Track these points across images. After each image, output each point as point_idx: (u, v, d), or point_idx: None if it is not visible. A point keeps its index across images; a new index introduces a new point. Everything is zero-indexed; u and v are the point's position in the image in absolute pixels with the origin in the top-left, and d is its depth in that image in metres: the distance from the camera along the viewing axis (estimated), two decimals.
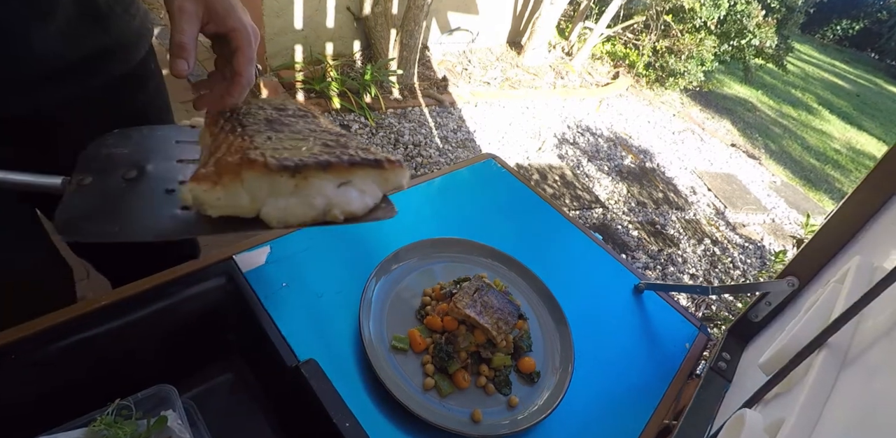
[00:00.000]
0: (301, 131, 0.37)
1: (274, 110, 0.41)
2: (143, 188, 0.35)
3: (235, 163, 0.30)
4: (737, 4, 4.12)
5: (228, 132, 0.35)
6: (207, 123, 0.40)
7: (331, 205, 0.32)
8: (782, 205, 3.81)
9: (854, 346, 0.44)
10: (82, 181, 0.34)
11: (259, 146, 0.32)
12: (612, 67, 4.80)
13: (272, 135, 0.35)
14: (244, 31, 0.51)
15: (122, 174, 0.36)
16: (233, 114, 0.39)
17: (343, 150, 0.34)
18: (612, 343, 0.80)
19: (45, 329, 0.52)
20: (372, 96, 2.89)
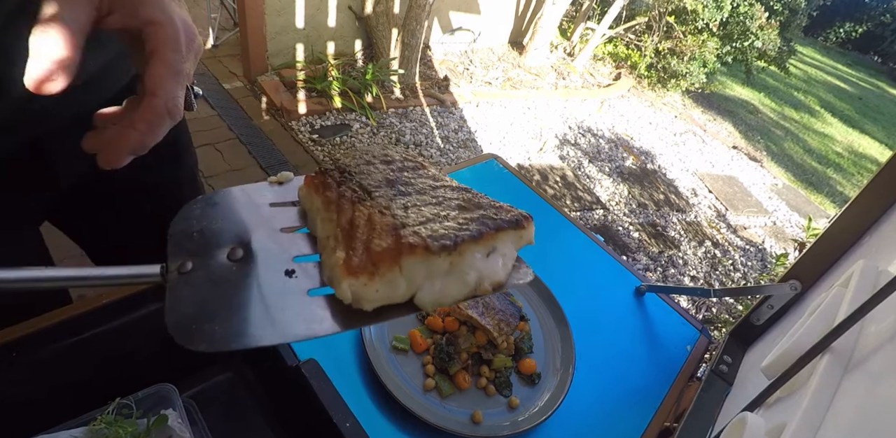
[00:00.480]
0: (426, 191, 0.33)
1: (382, 164, 0.35)
2: (257, 272, 0.30)
3: (393, 248, 0.27)
4: (739, 6, 4.11)
5: (354, 201, 0.30)
6: (310, 183, 0.34)
7: (481, 278, 0.30)
8: (783, 208, 3.81)
9: (858, 351, 0.43)
10: (182, 267, 0.29)
11: (405, 221, 0.28)
12: (614, 68, 4.80)
13: (405, 202, 0.31)
14: (167, 27, 0.32)
15: (226, 254, 0.30)
16: (344, 174, 0.33)
17: (482, 213, 0.31)
18: (613, 344, 0.80)
19: (45, 328, 0.52)
20: (373, 95, 2.89)
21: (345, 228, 0.29)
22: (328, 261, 0.29)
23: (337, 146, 2.62)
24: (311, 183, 0.33)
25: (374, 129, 2.80)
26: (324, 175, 0.33)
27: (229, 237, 0.32)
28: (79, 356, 0.54)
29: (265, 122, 2.65)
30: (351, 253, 0.28)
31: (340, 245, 0.29)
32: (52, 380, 0.53)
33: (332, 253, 0.29)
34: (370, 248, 0.27)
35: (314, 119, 2.74)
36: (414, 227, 0.28)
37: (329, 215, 0.31)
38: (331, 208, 0.31)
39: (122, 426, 0.48)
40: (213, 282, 0.29)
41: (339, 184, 0.32)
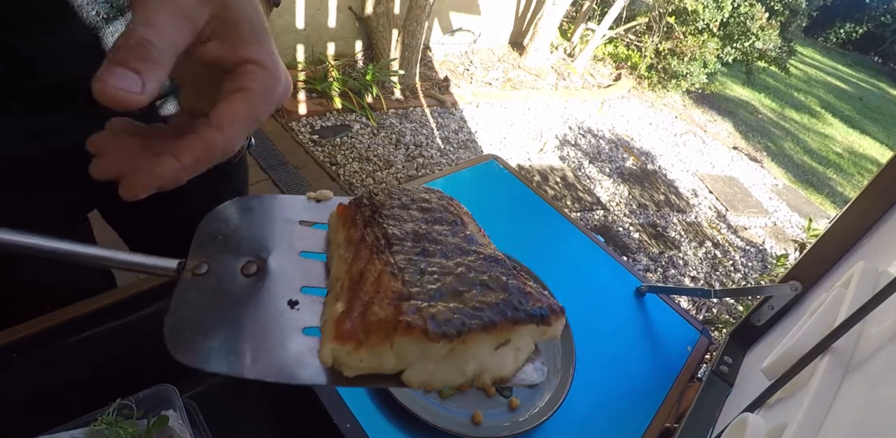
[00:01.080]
0: (453, 255, 0.30)
1: (419, 211, 0.32)
2: (264, 293, 0.29)
3: (388, 322, 0.25)
4: (740, 7, 4.12)
5: (372, 250, 0.28)
6: (342, 213, 0.32)
7: (482, 370, 0.27)
8: (784, 209, 3.81)
9: (858, 352, 0.43)
10: (198, 269, 0.29)
11: (414, 292, 0.26)
12: (615, 69, 4.80)
13: (424, 266, 0.28)
14: (271, 72, 0.29)
15: (241, 267, 0.29)
16: (375, 213, 0.31)
17: (504, 298, 0.27)
18: (614, 345, 0.80)
19: (46, 329, 0.52)
20: (373, 96, 2.90)
21: (354, 278, 0.28)
22: (327, 308, 0.28)
23: (337, 147, 2.62)
24: (343, 213, 0.32)
25: (374, 130, 2.80)
26: (356, 208, 0.31)
27: (250, 249, 0.31)
28: (79, 356, 0.54)
29: (265, 123, 2.65)
30: (346, 314, 0.26)
31: (343, 295, 0.27)
32: (53, 381, 0.53)
33: (333, 301, 0.28)
34: (366, 315, 0.25)
35: (314, 120, 2.74)
36: (420, 302, 0.25)
37: (346, 255, 0.29)
38: (350, 248, 0.30)
39: (123, 426, 0.48)
40: (219, 293, 0.28)
41: (365, 225, 0.30)
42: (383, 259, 0.28)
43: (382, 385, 0.27)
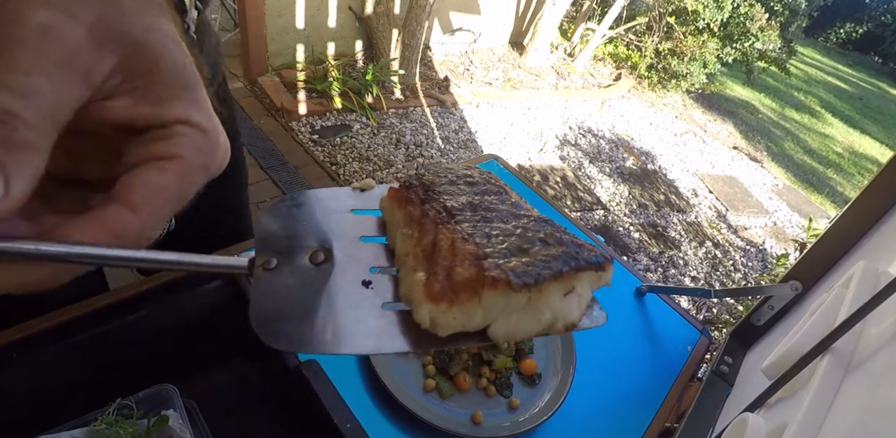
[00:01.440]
0: (508, 219, 0.33)
1: (466, 185, 0.35)
2: (337, 278, 0.30)
3: (474, 279, 0.27)
4: (740, 7, 4.12)
5: (437, 222, 0.30)
6: (394, 196, 0.34)
7: (556, 317, 0.30)
8: (784, 209, 3.81)
9: (858, 352, 0.43)
10: (268, 264, 0.30)
11: (489, 252, 0.28)
12: (615, 69, 4.80)
13: (488, 230, 0.31)
14: (209, 137, 0.23)
15: (308, 256, 0.31)
16: (428, 190, 0.33)
17: (564, 250, 0.30)
18: (614, 345, 0.80)
19: (46, 329, 0.52)
20: (373, 96, 2.90)
21: (426, 249, 0.30)
22: (406, 280, 0.30)
23: (337, 147, 2.62)
24: (395, 196, 0.33)
25: (374, 130, 2.80)
26: (408, 189, 0.33)
27: (313, 240, 0.32)
28: (80, 356, 0.54)
29: (265, 123, 2.65)
30: (432, 278, 0.28)
31: (420, 265, 0.29)
32: (53, 381, 0.53)
33: (411, 272, 0.29)
34: (452, 276, 0.27)
35: (314, 119, 2.74)
36: (496, 259, 0.28)
37: (410, 231, 0.31)
38: (412, 225, 0.31)
39: (123, 426, 0.48)
40: (295, 284, 0.30)
41: (422, 202, 0.32)
42: (450, 228, 0.30)
43: (470, 344, 0.29)
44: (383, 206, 0.34)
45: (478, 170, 0.37)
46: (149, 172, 0.21)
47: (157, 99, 0.21)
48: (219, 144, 0.23)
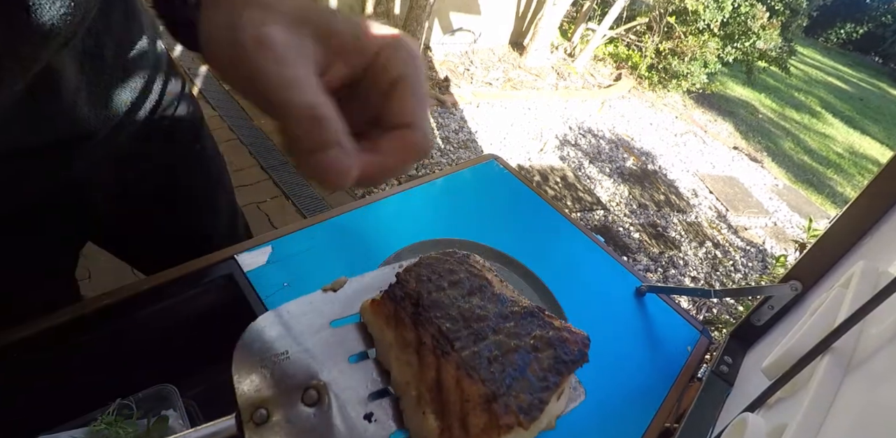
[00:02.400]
0: (499, 326, 0.31)
1: (451, 287, 0.32)
2: (338, 419, 0.28)
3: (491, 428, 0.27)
4: (740, 6, 4.12)
5: (436, 354, 0.29)
6: (379, 313, 0.31)
7: (550, 418, 0.30)
8: (784, 209, 3.80)
9: (859, 352, 0.43)
10: (257, 417, 0.27)
11: (495, 389, 0.28)
12: (615, 69, 4.80)
13: (487, 353, 0.29)
14: (403, 48, 0.26)
15: (301, 398, 0.28)
16: (417, 306, 0.30)
17: (553, 353, 0.30)
18: (614, 345, 0.80)
19: (46, 329, 0.52)
20: None
21: (431, 388, 0.28)
22: (414, 417, 0.29)
23: None
24: (380, 312, 0.30)
25: None
26: (395, 304, 0.30)
27: (300, 375, 0.29)
28: (80, 356, 0.54)
29: (266, 123, 2.65)
30: (449, 432, 0.27)
31: (429, 407, 0.28)
32: (53, 381, 0.53)
33: (417, 410, 0.28)
34: (468, 428, 0.27)
35: None
36: (504, 397, 0.27)
37: (406, 358, 0.29)
38: (408, 350, 0.29)
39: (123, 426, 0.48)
40: (294, 436, 0.27)
41: (415, 324, 0.29)
42: (452, 361, 0.28)
43: None
44: (367, 319, 0.32)
45: (457, 257, 0.34)
46: (395, 99, 0.25)
47: (356, 49, 0.25)
48: (412, 47, 0.27)
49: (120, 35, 0.45)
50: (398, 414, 0.29)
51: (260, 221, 2.09)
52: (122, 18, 0.45)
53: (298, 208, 2.22)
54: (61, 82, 0.39)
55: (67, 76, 0.39)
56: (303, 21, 0.24)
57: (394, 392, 0.30)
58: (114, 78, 0.45)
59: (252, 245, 0.71)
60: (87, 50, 0.41)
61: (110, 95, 0.46)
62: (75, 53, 0.40)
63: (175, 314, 0.60)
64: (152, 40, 0.51)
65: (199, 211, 0.75)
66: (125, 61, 0.47)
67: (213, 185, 0.75)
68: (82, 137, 0.44)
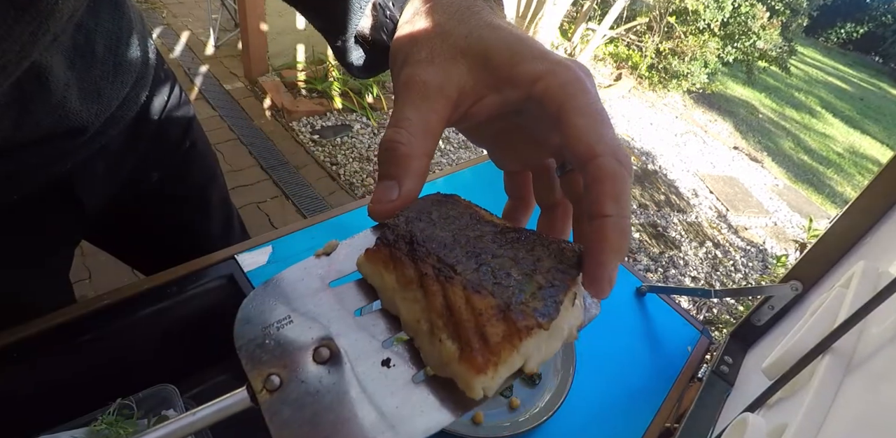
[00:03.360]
0: (493, 243, 0.31)
1: (442, 220, 0.32)
2: (355, 371, 0.27)
3: (512, 334, 0.26)
4: (740, 6, 4.11)
5: (440, 280, 0.28)
6: (375, 259, 0.30)
7: (571, 327, 0.29)
8: (784, 209, 3.80)
9: (859, 352, 0.43)
10: (269, 384, 0.27)
11: (507, 298, 0.27)
12: (615, 69, 4.80)
13: (490, 268, 0.29)
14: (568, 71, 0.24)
15: (311, 357, 0.28)
16: (413, 244, 0.29)
17: (551, 258, 0.29)
18: (614, 345, 0.80)
19: (46, 329, 0.52)
20: (374, 96, 2.90)
21: (442, 314, 0.27)
22: (432, 350, 0.28)
23: (338, 146, 2.62)
24: (377, 259, 0.30)
25: (374, 130, 2.80)
26: (390, 247, 0.29)
27: (306, 336, 0.29)
28: (80, 356, 0.54)
29: (266, 123, 2.65)
30: (467, 349, 0.26)
31: (444, 333, 0.27)
32: (53, 381, 0.53)
33: (436, 342, 0.27)
34: (487, 339, 0.26)
35: (315, 119, 2.74)
36: (518, 304, 0.27)
37: (411, 295, 0.29)
38: (411, 287, 0.29)
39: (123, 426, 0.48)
40: (313, 395, 0.26)
41: (413, 260, 0.29)
42: (457, 283, 0.28)
43: (508, 384, 0.27)
44: (365, 272, 0.31)
45: (435, 197, 0.34)
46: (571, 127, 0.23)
47: (515, 79, 0.25)
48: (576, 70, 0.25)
49: (109, 32, 0.46)
50: (416, 356, 0.28)
51: (260, 221, 2.09)
52: (111, 15, 0.46)
53: (298, 208, 2.21)
54: (50, 77, 0.39)
55: (56, 72, 0.40)
56: (464, 53, 0.26)
57: (407, 336, 0.29)
58: (104, 73, 0.46)
59: (252, 245, 0.71)
60: (76, 46, 0.42)
61: (101, 91, 0.46)
62: (64, 49, 0.40)
63: (175, 314, 0.60)
64: (142, 37, 0.52)
65: (192, 207, 0.75)
66: (115, 57, 0.47)
67: (206, 182, 0.75)
68: (73, 133, 0.45)
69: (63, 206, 0.55)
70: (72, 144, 0.46)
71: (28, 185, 0.48)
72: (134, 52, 0.50)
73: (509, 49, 0.25)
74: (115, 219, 0.66)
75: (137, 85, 0.52)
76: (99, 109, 0.46)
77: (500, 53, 0.25)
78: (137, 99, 0.54)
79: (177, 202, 0.72)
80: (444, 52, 0.26)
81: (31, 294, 0.58)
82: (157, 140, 0.62)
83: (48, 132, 0.42)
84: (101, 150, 0.52)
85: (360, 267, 0.31)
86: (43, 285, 0.61)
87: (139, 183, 0.64)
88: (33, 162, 0.45)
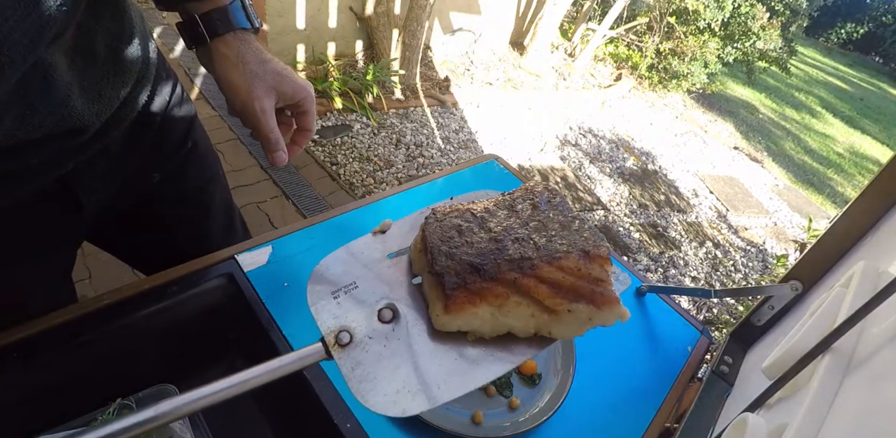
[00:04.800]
0: (510, 224, 0.35)
1: (481, 230, 0.35)
2: (414, 329, 0.31)
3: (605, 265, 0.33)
4: (741, 6, 4.11)
5: (528, 272, 0.33)
6: (459, 308, 0.32)
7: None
8: (784, 209, 3.80)
9: (859, 352, 0.43)
10: (341, 339, 0.31)
11: (573, 246, 0.34)
12: (615, 69, 4.80)
13: (530, 239, 0.33)
14: (309, 96, 0.57)
15: (376, 316, 0.32)
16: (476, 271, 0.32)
17: (580, 230, 0.36)
18: (614, 345, 0.80)
19: (46, 329, 0.52)
20: (374, 96, 2.89)
21: (551, 293, 0.32)
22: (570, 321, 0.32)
23: (338, 146, 2.62)
24: (460, 306, 0.31)
25: (374, 130, 2.80)
26: (460, 289, 0.31)
27: (371, 299, 0.32)
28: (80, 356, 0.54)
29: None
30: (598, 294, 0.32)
31: (564, 304, 0.32)
32: (53, 380, 0.53)
33: (561, 316, 0.32)
34: (596, 279, 0.32)
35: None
36: (581, 245, 0.32)
37: (512, 304, 0.32)
38: (508, 300, 0.32)
39: None
40: (381, 351, 0.30)
41: (493, 279, 0.32)
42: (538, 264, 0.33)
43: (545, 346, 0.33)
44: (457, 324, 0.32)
45: (429, 218, 0.36)
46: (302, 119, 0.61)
47: (290, 99, 0.57)
48: (312, 95, 0.59)
49: (110, 31, 0.46)
50: None
51: (260, 221, 2.09)
52: (112, 15, 0.46)
53: (298, 208, 2.21)
54: (55, 75, 0.39)
55: (59, 70, 0.40)
56: (275, 87, 0.55)
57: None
58: (105, 73, 0.46)
59: (252, 245, 0.71)
60: (78, 45, 0.42)
61: (101, 90, 0.46)
62: (66, 49, 0.41)
63: (175, 314, 0.60)
64: (143, 38, 0.52)
65: (194, 208, 0.75)
66: (116, 57, 0.48)
67: (207, 182, 0.75)
68: (74, 132, 0.45)
69: (64, 206, 0.55)
70: (73, 144, 0.47)
71: (30, 185, 0.48)
72: (135, 51, 0.50)
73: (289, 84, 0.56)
74: (117, 219, 0.66)
75: (138, 85, 0.53)
76: (100, 109, 0.47)
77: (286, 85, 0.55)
78: (138, 99, 0.54)
79: (178, 202, 0.72)
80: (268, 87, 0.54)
81: (32, 294, 0.58)
82: (159, 141, 0.62)
83: (50, 131, 0.42)
84: (102, 151, 0.53)
85: (446, 326, 0.32)
86: (44, 285, 0.61)
87: (140, 183, 0.64)
88: (35, 161, 0.45)
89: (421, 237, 0.34)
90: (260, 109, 0.53)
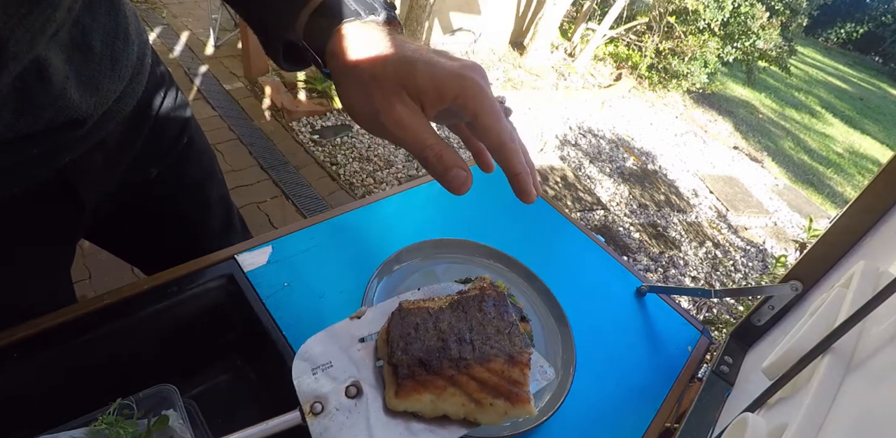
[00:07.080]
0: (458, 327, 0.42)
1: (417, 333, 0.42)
2: (374, 405, 0.38)
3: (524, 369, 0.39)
4: (740, 6, 4.11)
5: (464, 371, 0.40)
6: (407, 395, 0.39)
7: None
8: (784, 209, 3.80)
9: (859, 352, 0.43)
10: (314, 409, 0.37)
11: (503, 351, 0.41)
12: (615, 69, 4.80)
13: (470, 342, 0.41)
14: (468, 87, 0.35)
15: (345, 394, 0.39)
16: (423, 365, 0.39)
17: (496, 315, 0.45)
18: (614, 345, 0.80)
19: (47, 329, 0.52)
20: None
21: (478, 389, 0.38)
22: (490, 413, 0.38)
23: (338, 146, 2.62)
24: (409, 393, 0.38)
25: None
26: (409, 379, 0.38)
27: (342, 377, 0.39)
28: (80, 356, 0.54)
29: (266, 123, 2.65)
30: (514, 395, 0.38)
31: (488, 399, 0.38)
32: (53, 380, 0.53)
33: (485, 408, 0.38)
34: (516, 381, 0.39)
35: (315, 119, 2.74)
36: (510, 351, 0.39)
37: (448, 394, 0.39)
38: (446, 391, 0.38)
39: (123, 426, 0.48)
40: (344, 421, 0.37)
41: (436, 373, 0.38)
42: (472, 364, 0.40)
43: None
44: (404, 407, 0.40)
45: (396, 313, 0.43)
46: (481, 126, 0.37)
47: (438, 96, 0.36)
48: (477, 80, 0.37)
49: (106, 29, 0.47)
50: None
51: (260, 221, 2.09)
52: (107, 13, 0.47)
53: (298, 208, 2.21)
54: (50, 69, 0.40)
55: (55, 65, 0.40)
56: (404, 86, 0.36)
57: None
58: (102, 67, 0.47)
59: (252, 245, 0.71)
60: (74, 40, 0.43)
61: (99, 84, 0.47)
62: (62, 45, 0.41)
63: (175, 314, 0.60)
64: (138, 35, 0.53)
65: (191, 204, 0.75)
66: (112, 53, 0.48)
67: (204, 179, 0.76)
68: (72, 124, 0.45)
69: (63, 202, 0.55)
70: (71, 136, 0.47)
71: (28, 178, 0.48)
72: (130, 48, 0.51)
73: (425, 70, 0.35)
74: (115, 216, 0.66)
75: (134, 80, 0.53)
76: (97, 102, 0.47)
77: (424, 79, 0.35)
78: (135, 93, 0.55)
79: (176, 198, 0.72)
80: (396, 90, 0.36)
81: (31, 293, 0.59)
82: (155, 136, 0.63)
83: (48, 123, 0.43)
84: (99, 144, 0.53)
85: (396, 407, 0.39)
86: (44, 284, 0.61)
87: (138, 178, 0.64)
88: (34, 153, 0.45)
89: (386, 329, 0.41)
90: (393, 123, 0.35)
